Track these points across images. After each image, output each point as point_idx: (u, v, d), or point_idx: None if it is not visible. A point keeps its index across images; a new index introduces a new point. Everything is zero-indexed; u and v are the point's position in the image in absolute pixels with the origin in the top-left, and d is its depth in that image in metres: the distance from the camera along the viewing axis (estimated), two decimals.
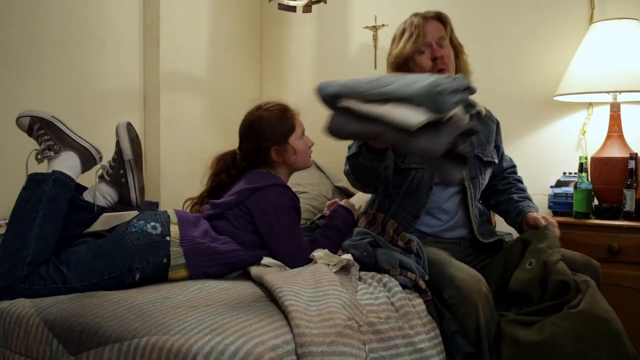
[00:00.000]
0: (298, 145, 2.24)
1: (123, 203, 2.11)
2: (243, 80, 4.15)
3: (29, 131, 2.06)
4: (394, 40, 2.35)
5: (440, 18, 2.31)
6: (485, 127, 2.39)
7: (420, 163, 2.19)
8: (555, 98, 3.01)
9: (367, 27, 3.81)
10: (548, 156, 3.21)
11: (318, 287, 1.71)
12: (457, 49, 2.35)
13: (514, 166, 2.59)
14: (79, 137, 2.07)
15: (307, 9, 3.48)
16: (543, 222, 2.21)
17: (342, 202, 2.34)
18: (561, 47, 3.13)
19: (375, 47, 3.77)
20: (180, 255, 1.97)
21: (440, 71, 2.23)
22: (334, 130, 1.83)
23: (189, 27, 3.74)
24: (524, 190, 2.50)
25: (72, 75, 3.20)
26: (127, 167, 2.08)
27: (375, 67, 3.75)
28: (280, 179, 2.22)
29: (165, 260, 1.96)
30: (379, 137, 1.81)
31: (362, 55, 3.83)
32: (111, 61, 3.40)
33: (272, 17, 4.18)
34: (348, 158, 2.18)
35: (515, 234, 2.47)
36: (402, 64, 2.28)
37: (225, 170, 2.29)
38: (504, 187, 2.50)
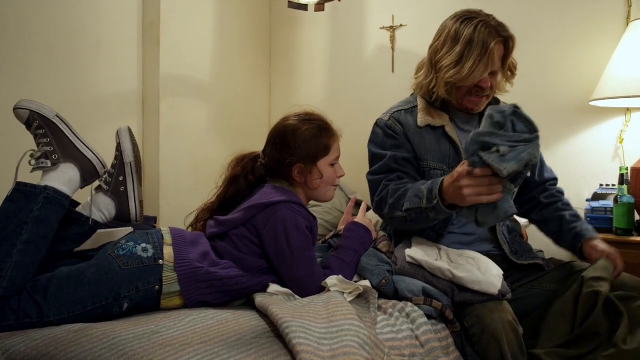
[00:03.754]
0: (326, 172, 2.07)
1: (121, 218, 1.93)
2: (250, 85, 4.11)
3: (27, 126, 1.84)
4: (453, 41, 2.11)
5: (508, 42, 2.13)
6: None
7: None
8: (591, 103, 2.91)
9: (384, 28, 3.73)
10: (583, 166, 3.10)
11: (332, 321, 1.56)
12: (509, 73, 2.22)
13: (556, 179, 2.44)
14: (85, 145, 1.87)
15: (319, 7, 3.43)
16: (600, 252, 2.09)
17: (358, 219, 2.18)
18: (597, 48, 3.04)
19: (392, 49, 3.69)
20: (174, 281, 1.78)
21: (477, 97, 2.15)
22: None
23: (191, 27, 3.67)
24: (569, 205, 2.33)
25: (63, 80, 3.11)
26: (127, 172, 1.90)
27: (393, 71, 3.69)
28: (296, 196, 2.04)
29: (157, 287, 1.77)
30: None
31: (379, 58, 3.76)
32: (107, 64, 3.31)
33: (282, 16, 4.17)
34: (405, 210, 2.02)
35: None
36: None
37: (245, 175, 2.12)
38: (548, 201, 2.34)
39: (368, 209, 2.41)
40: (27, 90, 2.89)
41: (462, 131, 2.22)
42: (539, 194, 2.36)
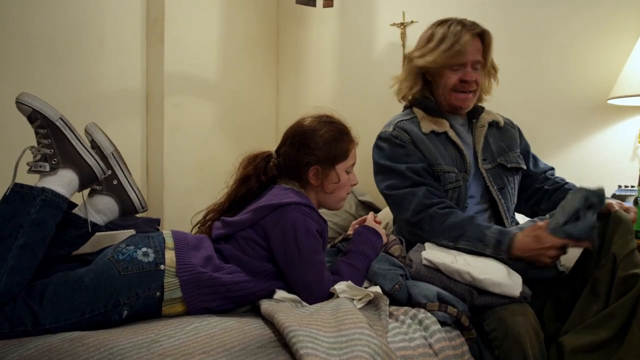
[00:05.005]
0: (342, 177, 2.05)
1: (126, 211, 1.88)
2: (257, 83, 4.09)
3: (29, 121, 1.79)
4: (428, 40, 2.28)
5: (483, 37, 2.25)
6: (505, 135, 2.41)
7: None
8: (610, 102, 2.88)
9: (394, 25, 3.70)
10: (600, 167, 3.04)
11: (341, 329, 1.52)
12: (492, 71, 2.36)
13: (553, 168, 2.52)
14: (86, 150, 1.81)
15: (328, 3, 3.47)
16: (615, 207, 2.03)
17: (368, 222, 2.14)
18: (615, 45, 2.99)
19: (403, 46, 3.66)
20: (176, 287, 1.74)
21: (463, 93, 2.24)
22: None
23: (197, 24, 3.66)
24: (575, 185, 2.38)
25: (65, 77, 3.09)
26: (112, 163, 1.85)
27: None
28: (307, 198, 2.00)
29: (158, 293, 1.72)
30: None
31: (389, 56, 3.73)
32: (110, 61, 3.31)
33: (290, 13, 4.15)
34: (460, 246, 2.06)
35: None
36: (425, 72, 2.30)
37: (256, 175, 2.08)
38: (554, 187, 2.39)
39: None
40: (29, 87, 2.71)
41: (459, 137, 2.28)
42: (541, 183, 2.42)
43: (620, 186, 2.82)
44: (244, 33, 3.97)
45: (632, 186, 2.76)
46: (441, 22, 2.26)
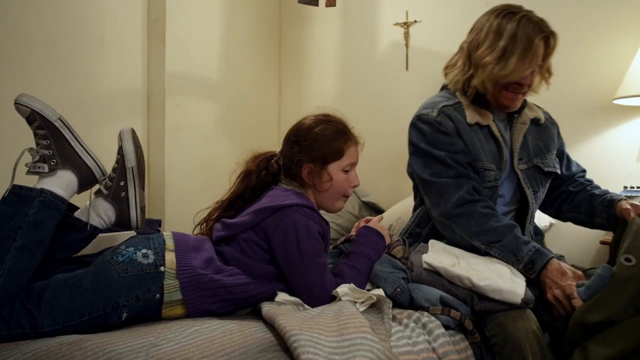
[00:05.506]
0: (337, 177, 2.01)
1: (121, 224, 1.86)
2: (259, 83, 4.08)
3: (28, 122, 1.78)
4: (496, 35, 2.08)
5: (549, 39, 2.09)
6: (545, 133, 2.29)
7: None
8: (615, 102, 2.88)
9: (397, 24, 3.69)
10: (606, 168, 3.02)
11: (343, 334, 1.50)
12: (547, 75, 2.18)
13: (584, 170, 2.44)
14: (86, 151, 1.80)
15: (330, 2, 3.45)
16: (632, 214, 2.02)
17: (371, 223, 2.12)
18: (621, 45, 2.99)
19: (406, 45, 3.65)
20: (176, 289, 1.72)
21: (513, 94, 2.11)
22: None
23: (198, 23, 3.65)
24: (599, 187, 2.33)
25: (66, 77, 3.08)
26: (128, 177, 1.83)
27: (407, 69, 3.66)
28: (308, 199, 1.98)
29: (158, 295, 1.70)
30: None
31: (392, 55, 3.72)
32: (111, 61, 3.29)
33: (292, 12, 4.15)
34: (489, 251, 2.01)
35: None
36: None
37: (258, 172, 2.07)
38: (578, 188, 2.33)
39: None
40: (29, 88, 2.73)
41: (499, 132, 2.18)
42: (567, 186, 2.34)
43: (625, 187, 2.84)
44: (245, 32, 3.96)
45: (638, 187, 2.78)
46: (508, 12, 2.09)
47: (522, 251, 1.91)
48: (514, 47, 2.02)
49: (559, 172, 2.29)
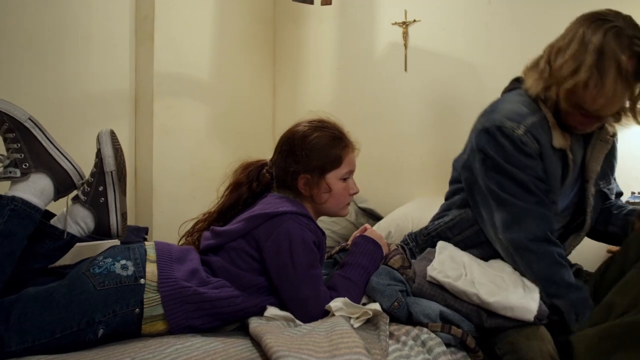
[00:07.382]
0: (336, 186, 1.95)
1: (100, 232, 1.80)
2: (253, 85, 4.10)
3: None
4: (580, 45, 1.89)
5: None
6: (612, 152, 2.14)
7: None
8: None
9: (396, 24, 3.67)
10: None
11: (335, 355, 1.42)
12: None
13: (621, 193, 2.35)
14: (60, 152, 1.74)
15: (326, 0, 3.42)
16: None
17: (367, 232, 2.05)
18: None
19: (405, 46, 3.63)
20: (157, 303, 1.64)
21: (587, 118, 1.89)
22: None
23: (189, 22, 3.66)
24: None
25: (49, 78, 3.07)
26: (107, 182, 1.76)
27: (406, 69, 3.63)
28: (303, 207, 1.92)
29: (137, 310, 1.62)
30: None
31: (391, 56, 3.70)
32: (97, 60, 3.29)
33: (287, 11, 4.16)
34: (547, 299, 1.85)
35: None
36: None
37: (249, 183, 2.01)
38: (618, 210, 2.20)
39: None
40: (11, 89, 2.87)
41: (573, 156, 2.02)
42: (609, 205, 2.25)
43: (633, 193, 2.79)
44: (238, 31, 3.98)
45: None
46: (596, 19, 1.91)
47: (584, 314, 1.77)
48: (598, 65, 1.81)
49: (613, 198, 2.22)
